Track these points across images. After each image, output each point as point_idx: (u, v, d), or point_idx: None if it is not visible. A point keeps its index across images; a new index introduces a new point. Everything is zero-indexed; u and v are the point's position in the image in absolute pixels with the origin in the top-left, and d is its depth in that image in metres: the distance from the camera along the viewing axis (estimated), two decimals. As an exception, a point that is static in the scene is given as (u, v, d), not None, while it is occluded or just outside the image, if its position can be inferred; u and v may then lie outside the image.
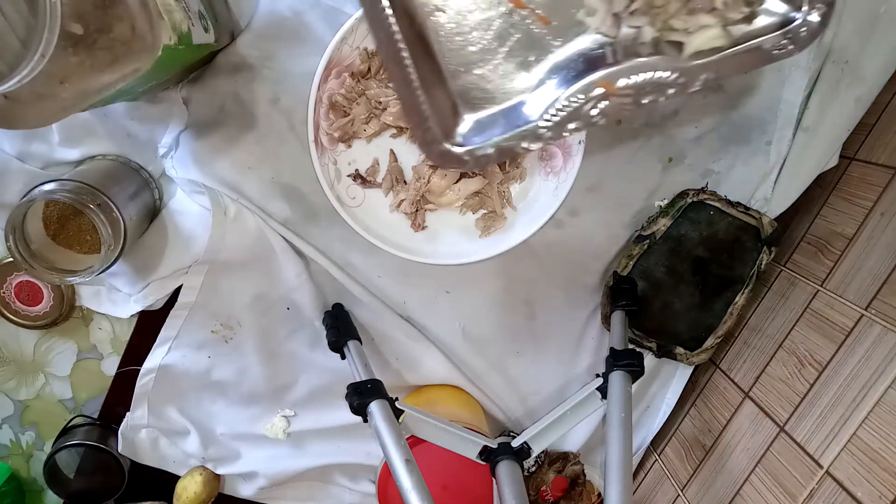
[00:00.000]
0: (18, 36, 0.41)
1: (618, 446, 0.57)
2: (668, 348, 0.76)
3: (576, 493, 0.83)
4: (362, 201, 0.70)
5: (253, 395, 0.82)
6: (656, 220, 0.70)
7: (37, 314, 0.79)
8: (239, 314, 0.78)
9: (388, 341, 0.79)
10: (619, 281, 0.73)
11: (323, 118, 0.65)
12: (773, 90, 0.67)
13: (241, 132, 0.69)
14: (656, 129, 0.69)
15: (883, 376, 0.56)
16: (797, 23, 0.44)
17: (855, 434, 0.56)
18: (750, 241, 0.71)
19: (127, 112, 0.69)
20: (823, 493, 0.58)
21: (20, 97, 0.43)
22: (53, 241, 0.70)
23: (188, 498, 0.82)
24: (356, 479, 0.88)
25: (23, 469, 0.91)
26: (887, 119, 0.66)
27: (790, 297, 0.71)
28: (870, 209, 0.64)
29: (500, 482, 0.64)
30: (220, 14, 0.62)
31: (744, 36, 0.46)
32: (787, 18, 0.45)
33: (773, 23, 0.45)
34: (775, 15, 0.45)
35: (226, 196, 0.71)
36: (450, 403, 0.78)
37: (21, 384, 0.86)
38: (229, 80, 0.67)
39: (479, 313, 0.78)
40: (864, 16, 0.63)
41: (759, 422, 0.68)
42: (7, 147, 0.71)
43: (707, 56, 0.46)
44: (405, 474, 0.52)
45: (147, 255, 0.74)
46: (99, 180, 0.65)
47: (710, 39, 0.45)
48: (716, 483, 0.72)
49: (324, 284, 0.77)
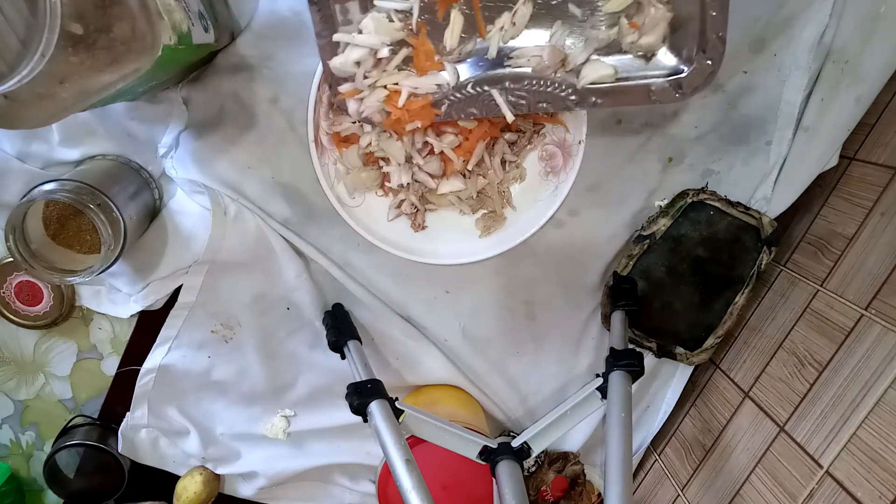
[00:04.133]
0: (18, 36, 0.41)
1: (618, 446, 0.57)
2: (668, 348, 0.76)
3: (576, 493, 0.83)
4: (362, 201, 0.70)
5: (253, 395, 0.82)
6: (656, 220, 0.70)
7: (37, 314, 0.79)
8: (239, 314, 0.78)
9: (388, 341, 0.79)
10: (619, 281, 0.73)
11: (323, 118, 0.65)
12: (773, 90, 0.67)
13: (241, 132, 0.69)
14: (656, 129, 0.69)
15: (883, 376, 0.56)
16: (683, 74, 0.51)
17: (855, 434, 0.56)
18: (750, 241, 0.71)
19: (127, 112, 0.69)
20: (823, 493, 0.58)
21: (20, 97, 0.43)
22: (53, 241, 0.70)
23: (188, 498, 0.82)
24: (356, 479, 0.88)
25: (23, 469, 0.91)
26: (887, 119, 0.66)
27: (790, 297, 0.71)
28: (870, 209, 0.64)
29: (500, 482, 0.64)
30: (220, 14, 0.62)
31: (635, 75, 0.52)
32: (677, 69, 0.52)
33: (663, 70, 0.52)
34: (665, 67, 0.52)
35: (226, 196, 0.71)
36: (450, 403, 0.78)
37: (21, 384, 0.86)
38: (229, 80, 0.67)
39: (479, 313, 0.78)
40: (864, 16, 0.63)
41: (759, 422, 0.68)
42: (7, 147, 0.71)
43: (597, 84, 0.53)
44: (405, 474, 0.52)
45: (147, 255, 0.74)
46: (99, 180, 0.65)
47: (601, 76, 0.53)
48: (716, 483, 0.72)
49: (324, 284, 0.77)
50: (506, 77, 0.52)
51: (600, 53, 0.53)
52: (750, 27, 0.64)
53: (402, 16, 0.50)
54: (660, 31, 0.50)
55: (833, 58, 0.65)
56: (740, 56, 0.65)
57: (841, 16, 0.63)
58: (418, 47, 0.51)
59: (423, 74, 0.52)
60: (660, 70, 0.52)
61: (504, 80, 0.52)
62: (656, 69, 0.52)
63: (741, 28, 0.64)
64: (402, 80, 0.52)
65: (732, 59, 0.65)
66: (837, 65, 0.65)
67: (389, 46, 0.51)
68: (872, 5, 0.63)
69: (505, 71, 0.52)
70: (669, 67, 0.52)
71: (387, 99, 0.53)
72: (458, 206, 0.70)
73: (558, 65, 0.52)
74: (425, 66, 0.52)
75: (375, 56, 0.51)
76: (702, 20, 0.49)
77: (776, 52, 0.66)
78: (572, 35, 0.51)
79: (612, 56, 0.53)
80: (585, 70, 0.52)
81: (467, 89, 0.52)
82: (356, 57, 0.51)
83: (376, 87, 0.53)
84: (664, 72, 0.52)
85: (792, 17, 0.64)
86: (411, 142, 0.65)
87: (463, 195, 0.69)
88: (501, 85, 0.52)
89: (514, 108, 0.52)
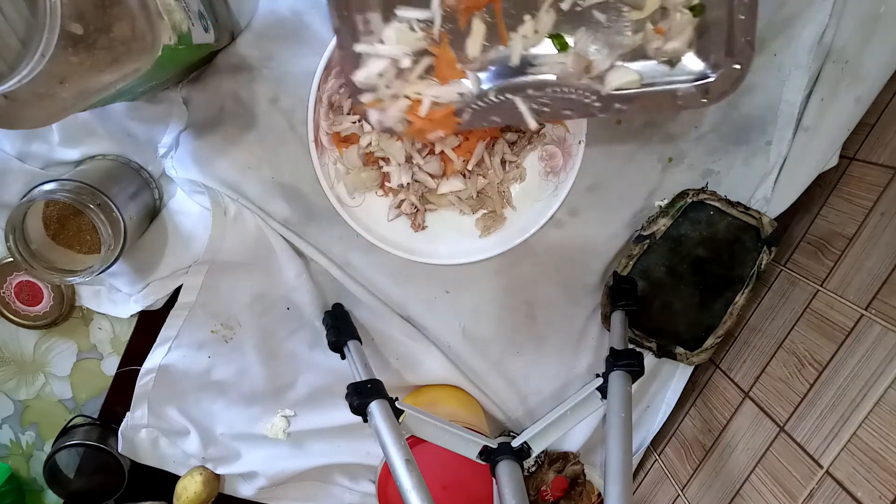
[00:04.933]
0: (18, 36, 0.41)
1: (618, 446, 0.57)
2: (668, 348, 0.76)
3: (576, 493, 0.83)
4: (362, 201, 0.70)
5: (253, 395, 0.82)
6: (656, 220, 0.70)
7: (37, 314, 0.79)
8: (239, 314, 0.78)
9: (388, 341, 0.79)
10: (619, 281, 0.73)
11: (323, 118, 0.65)
12: (773, 90, 0.67)
13: (241, 132, 0.69)
14: (656, 129, 0.69)
15: (883, 376, 0.56)
16: (710, 80, 0.50)
17: (855, 434, 0.56)
18: (750, 241, 0.71)
19: (127, 112, 0.69)
20: (823, 493, 0.58)
21: (20, 97, 0.43)
22: (53, 241, 0.70)
23: (188, 498, 0.82)
24: (356, 479, 0.88)
25: (23, 469, 0.91)
26: (887, 119, 0.66)
27: (790, 297, 0.71)
28: (870, 209, 0.64)
29: (500, 482, 0.64)
30: (220, 14, 0.62)
31: (661, 81, 0.51)
32: (703, 74, 0.51)
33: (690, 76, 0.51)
34: (691, 72, 0.51)
35: (226, 196, 0.71)
36: (450, 403, 0.78)
37: (21, 384, 0.86)
38: (229, 80, 0.67)
39: (479, 313, 0.78)
40: (864, 16, 0.63)
41: (759, 422, 0.68)
42: (7, 147, 0.71)
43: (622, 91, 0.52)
44: (405, 474, 0.53)
45: (147, 255, 0.74)
46: (99, 180, 0.65)
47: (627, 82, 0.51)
48: (716, 483, 0.72)
49: (324, 284, 0.77)
50: (529, 85, 0.51)
51: (625, 59, 0.52)
52: (750, 27, 0.64)
53: (424, 25, 0.50)
54: (686, 35, 0.50)
55: (833, 58, 0.65)
56: (740, 56, 0.65)
57: (841, 16, 0.63)
58: (440, 56, 0.51)
59: (446, 83, 0.52)
60: (686, 75, 0.51)
61: (527, 87, 0.51)
62: (682, 74, 0.51)
63: (741, 28, 0.64)
64: (425, 89, 0.51)
65: (732, 59, 0.65)
66: (837, 65, 0.65)
67: (411, 56, 0.50)
68: (872, 5, 0.63)
69: (528, 79, 0.51)
70: (696, 72, 0.51)
71: (409, 109, 0.53)
72: (458, 206, 0.70)
73: (582, 71, 0.51)
74: (447, 75, 0.51)
75: (397, 66, 0.51)
76: (729, 24, 0.48)
77: (776, 51, 0.66)
78: (597, 41, 0.51)
79: (636, 62, 0.52)
80: (610, 76, 0.51)
81: (490, 97, 0.52)
82: (379, 68, 0.50)
83: (398, 97, 0.52)
84: (691, 77, 0.51)
85: (792, 17, 0.64)
86: (411, 142, 0.65)
87: (463, 195, 0.69)
88: (524, 93, 0.51)
89: (538, 116, 0.52)
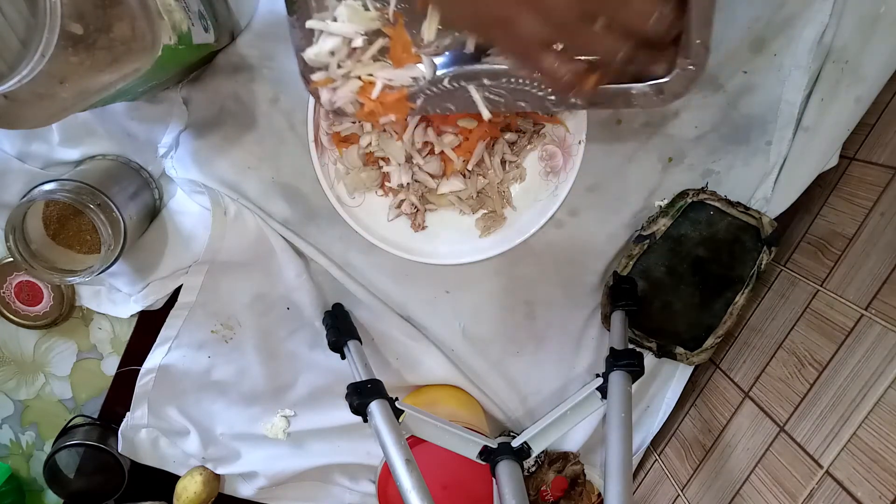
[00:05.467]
0: (18, 36, 0.41)
1: (618, 446, 0.57)
2: (668, 348, 0.76)
3: (576, 493, 0.83)
4: (362, 201, 0.70)
5: (253, 395, 0.82)
6: (656, 219, 0.70)
7: (37, 314, 0.79)
8: (239, 314, 0.78)
9: (388, 341, 0.79)
10: (619, 281, 0.73)
11: (323, 118, 0.65)
12: (773, 90, 0.67)
13: (241, 132, 0.69)
14: (656, 129, 0.69)
15: (883, 376, 0.56)
16: (665, 80, 0.48)
17: (855, 434, 0.56)
18: (750, 241, 0.71)
19: (127, 112, 0.69)
20: (823, 493, 0.58)
21: (20, 97, 0.43)
22: (53, 241, 0.70)
23: (188, 498, 0.82)
24: (356, 479, 0.88)
25: (23, 469, 0.91)
26: (887, 119, 0.66)
27: (790, 297, 0.71)
28: (870, 209, 0.64)
29: (500, 482, 0.64)
30: (220, 14, 0.62)
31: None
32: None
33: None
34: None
35: (226, 196, 0.71)
36: (450, 403, 0.78)
37: (21, 384, 0.86)
38: (229, 80, 0.67)
39: (479, 313, 0.78)
40: (864, 16, 0.63)
41: (759, 422, 0.68)
42: (7, 147, 0.71)
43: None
44: (405, 474, 0.52)
45: (147, 255, 0.74)
46: (99, 180, 0.65)
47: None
48: (716, 483, 0.72)
49: (324, 284, 0.77)
50: (483, 73, 0.51)
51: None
52: (750, 27, 0.64)
53: (379, 5, 0.49)
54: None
55: (833, 58, 0.65)
56: (740, 56, 0.65)
57: (841, 16, 0.63)
58: (395, 38, 0.50)
59: (400, 66, 0.51)
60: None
61: (482, 76, 0.51)
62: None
63: (741, 28, 0.64)
64: (377, 71, 0.51)
65: (732, 59, 0.65)
66: (837, 65, 0.65)
67: (364, 36, 0.50)
68: (872, 5, 0.63)
69: (482, 67, 0.51)
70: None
71: (360, 90, 0.52)
72: (458, 206, 0.70)
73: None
74: (402, 58, 0.50)
75: (350, 46, 0.50)
76: (685, 27, 0.48)
77: (776, 51, 0.65)
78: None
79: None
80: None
81: (444, 84, 0.51)
82: (330, 46, 0.50)
83: (350, 77, 0.52)
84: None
85: (792, 17, 0.64)
86: (411, 141, 0.65)
87: (463, 195, 0.69)
88: (479, 81, 0.51)
89: (492, 106, 0.52)
